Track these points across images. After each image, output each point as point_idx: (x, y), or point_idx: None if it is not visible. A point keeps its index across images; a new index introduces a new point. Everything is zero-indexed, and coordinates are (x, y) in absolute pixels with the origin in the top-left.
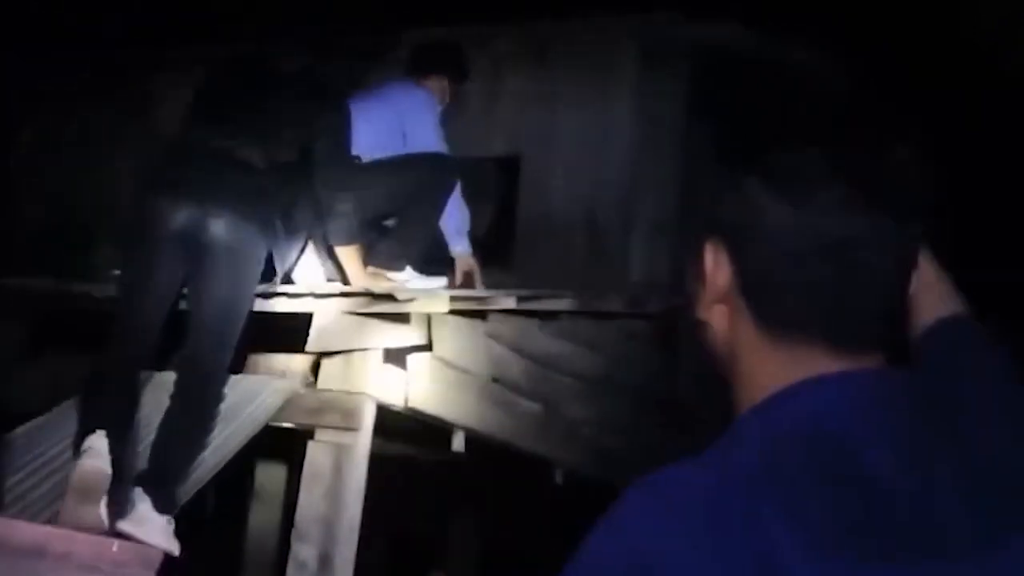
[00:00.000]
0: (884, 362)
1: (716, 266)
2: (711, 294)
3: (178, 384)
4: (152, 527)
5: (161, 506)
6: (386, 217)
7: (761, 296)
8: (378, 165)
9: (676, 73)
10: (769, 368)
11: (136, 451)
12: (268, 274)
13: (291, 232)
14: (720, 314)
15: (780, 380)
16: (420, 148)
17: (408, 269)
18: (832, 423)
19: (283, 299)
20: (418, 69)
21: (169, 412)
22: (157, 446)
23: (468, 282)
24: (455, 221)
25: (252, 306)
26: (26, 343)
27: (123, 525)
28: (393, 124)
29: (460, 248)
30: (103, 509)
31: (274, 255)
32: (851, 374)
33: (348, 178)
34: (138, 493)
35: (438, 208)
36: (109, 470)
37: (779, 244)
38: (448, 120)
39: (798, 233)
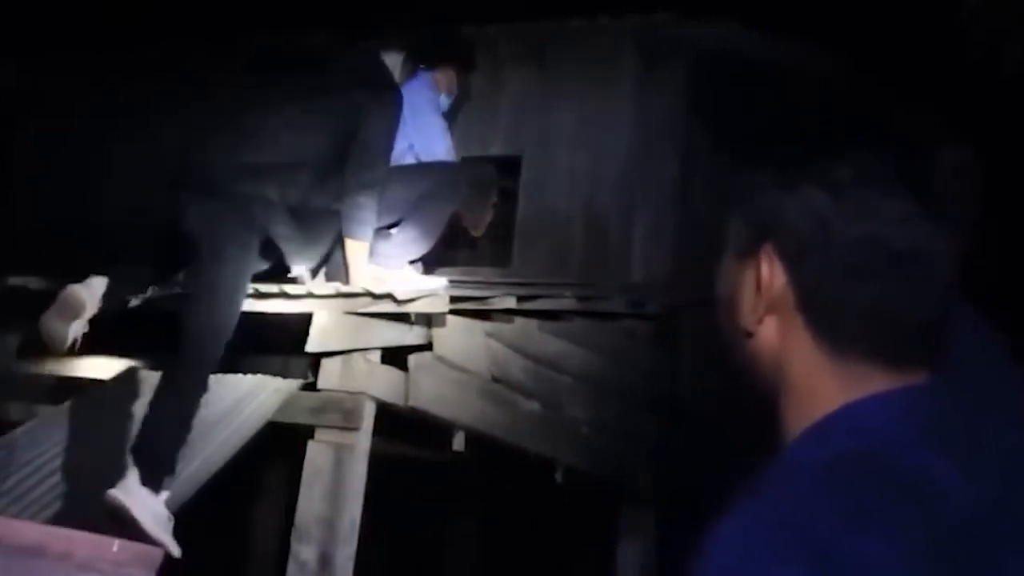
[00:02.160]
0: (930, 374)
1: (772, 275)
2: (764, 305)
3: (166, 369)
4: (138, 499)
5: (146, 479)
6: (393, 224)
7: (822, 311)
8: (392, 173)
9: (676, 73)
10: (826, 385)
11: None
12: (280, 272)
13: (313, 230)
14: (770, 326)
15: (838, 398)
16: (426, 152)
17: (408, 269)
18: (899, 441)
19: (283, 299)
20: (426, 61)
21: (156, 392)
22: (144, 423)
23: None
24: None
25: (239, 300)
26: (25, 342)
27: (113, 492)
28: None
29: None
30: (70, 332)
31: (285, 253)
32: (910, 389)
33: (377, 179)
34: (131, 467)
35: (443, 215)
36: (88, 303)
37: (844, 256)
38: (455, 116)
39: (865, 245)
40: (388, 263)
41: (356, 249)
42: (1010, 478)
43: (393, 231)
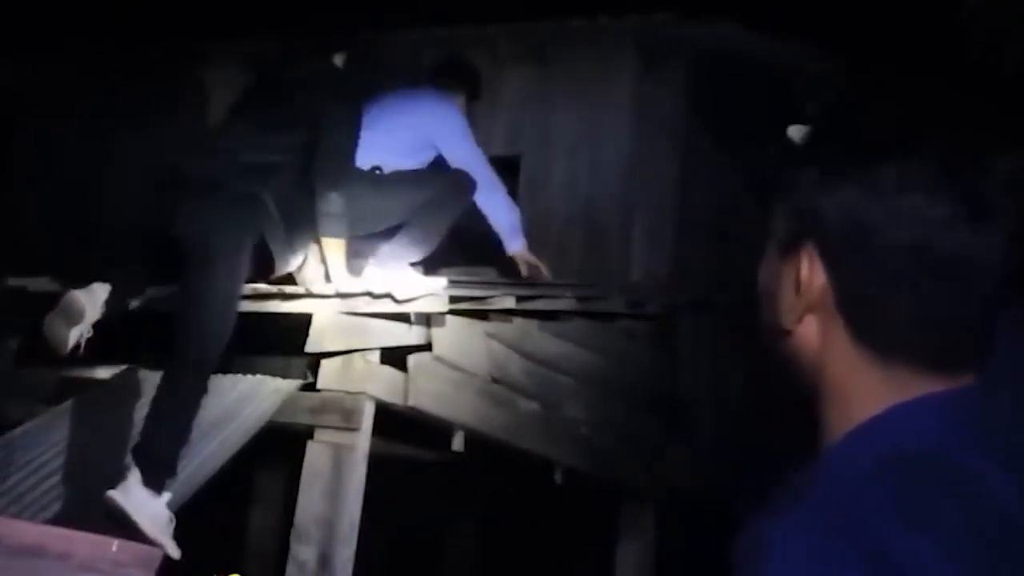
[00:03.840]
0: (975, 378)
1: (812, 275)
2: (803, 304)
3: (165, 371)
4: (138, 501)
5: (148, 480)
6: (397, 226)
7: (862, 315)
8: (399, 177)
9: (676, 73)
10: (868, 387)
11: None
12: (264, 270)
13: (295, 227)
14: (809, 325)
15: (881, 401)
16: (459, 160)
17: (408, 270)
18: (948, 443)
19: (282, 300)
20: (445, 84)
21: (156, 393)
22: (146, 425)
23: (536, 276)
24: (508, 220)
25: (235, 300)
26: (26, 343)
27: (113, 492)
28: (419, 135)
29: (516, 246)
30: (71, 336)
31: (273, 251)
32: (955, 393)
33: (343, 177)
34: (131, 468)
35: (447, 221)
36: (89, 309)
37: (886, 261)
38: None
39: (908, 250)
40: (389, 264)
41: (333, 246)
42: None
43: (398, 233)
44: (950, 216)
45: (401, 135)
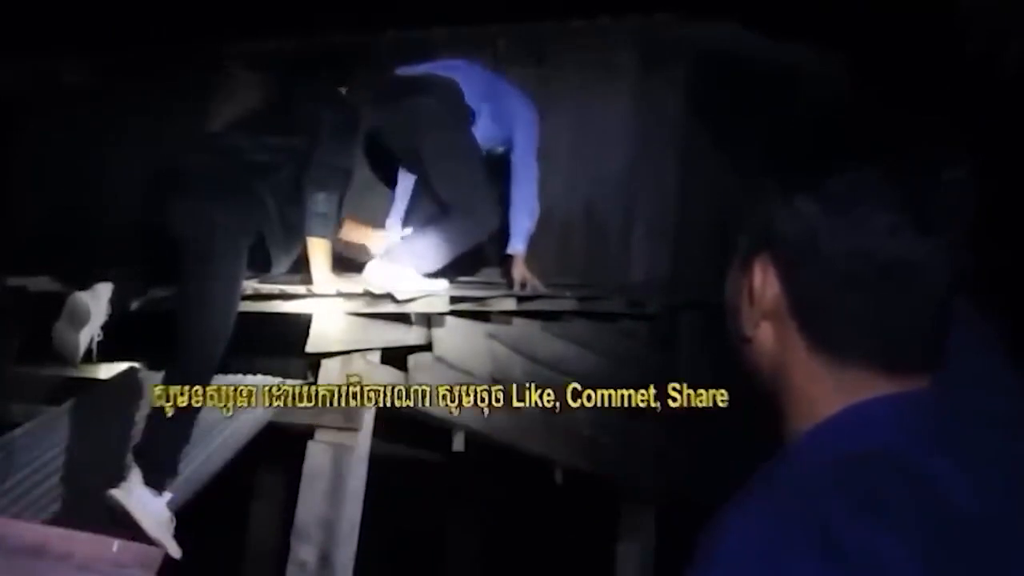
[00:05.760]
0: (930, 380)
1: (765, 284)
2: (758, 312)
3: (166, 372)
4: (139, 500)
5: (149, 480)
6: (442, 204)
7: (814, 319)
8: (476, 144)
9: (676, 73)
10: (825, 390)
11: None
12: (263, 267)
13: (293, 228)
14: (766, 332)
15: (838, 402)
16: (523, 147)
17: (410, 271)
18: (904, 444)
19: (282, 300)
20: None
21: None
22: (147, 425)
23: (523, 284)
24: (525, 225)
25: (235, 299)
26: (26, 343)
27: (114, 491)
28: (502, 105)
29: (518, 247)
30: (81, 339)
31: (271, 251)
32: (911, 395)
33: (335, 181)
34: (133, 468)
35: (465, 244)
36: (94, 310)
37: (834, 267)
38: None
39: (854, 256)
40: (400, 263)
41: (318, 246)
42: (1011, 488)
43: (424, 231)
44: (895, 223)
45: (483, 88)
